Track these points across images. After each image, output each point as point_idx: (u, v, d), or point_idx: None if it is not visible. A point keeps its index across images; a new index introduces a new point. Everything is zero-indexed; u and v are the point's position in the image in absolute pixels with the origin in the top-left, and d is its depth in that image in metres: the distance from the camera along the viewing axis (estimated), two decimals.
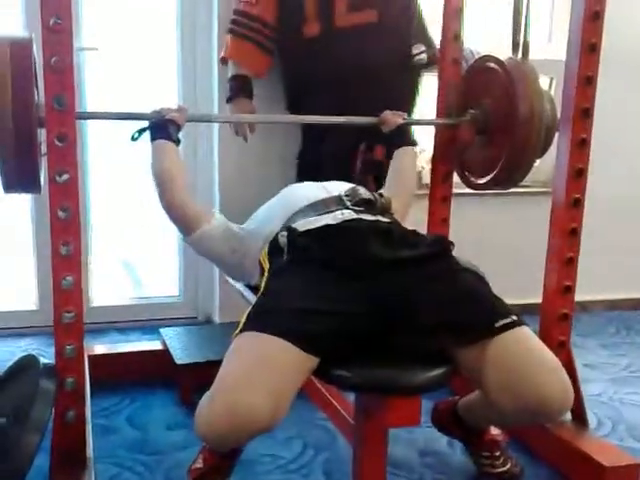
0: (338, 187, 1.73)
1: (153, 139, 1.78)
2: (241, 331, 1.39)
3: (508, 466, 1.78)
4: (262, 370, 1.29)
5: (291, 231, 1.54)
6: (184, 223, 1.75)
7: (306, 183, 1.81)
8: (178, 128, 1.81)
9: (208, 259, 1.85)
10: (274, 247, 1.57)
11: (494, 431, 1.78)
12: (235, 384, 1.28)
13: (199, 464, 1.64)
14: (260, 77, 2.36)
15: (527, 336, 1.42)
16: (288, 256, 1.51)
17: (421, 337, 1.39)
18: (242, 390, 1.26)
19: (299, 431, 2.00)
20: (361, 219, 1.60)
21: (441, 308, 1.42)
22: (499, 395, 1.39)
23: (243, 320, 1.41)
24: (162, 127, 1.79)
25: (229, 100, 2.32)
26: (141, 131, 1.81)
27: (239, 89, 2.30)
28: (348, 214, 1.61)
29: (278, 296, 1.44)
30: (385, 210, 1.69)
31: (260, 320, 1.38)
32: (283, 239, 1.54)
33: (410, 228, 1.66)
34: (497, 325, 1.40)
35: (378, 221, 1.62)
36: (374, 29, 2.22)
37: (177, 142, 1.80)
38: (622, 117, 2.92)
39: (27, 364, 1.60)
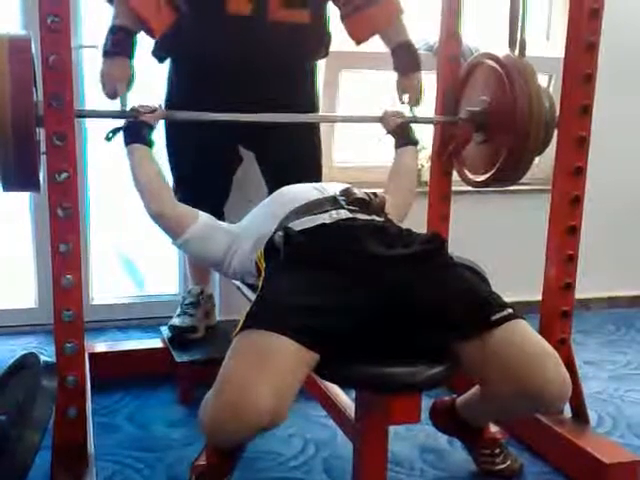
0: (332, 187, 1.74)
1: (127, 143, 1.78)
2: (241, 329, 1.39)
3: (508, 463, 1.78)
4: (264, 367, 1.30)
5: (287, 230, 1.54)
6: (168, 229, 1.76)
7: (300, 184, 1.81)
8: (152, 129, 1.81)
9: (198, 261, 1.84)
10: (270, 247, 1.58)
11: (493, 428, 1.78)
12: (237, 382, 1.29)
13: (202, 461, 1.65)
14: (153, 36, 1.93)
15: (524, 328, 1.44)
16: (285, 255, 1.52)
17: (419, 333, 1.39)
18: (245, 388, 1.27)
19: (300, 428, 2.00)
20: (356, 218, 1.61)
21: (437, 304, 1.42)
22: (499, 386, 1.41)
23: (243, 319, 1.42)
24: (135, 130, 1.78)
25: (106, 55, 1.86)
26: (115, 131, 1.80)
27: (122, 46, 1.85)
28: (343, 213, 1.62)
29: (277, 294, 1.44)
30: (380, 210, 1.70)
31: (260, 318, 1.38)
32: (279, 239, 1.54)
33: (407, 226, 1.67)
34: (493, 318, 1.41)
35: (373, 220, 1.63)
36: (305, 30, 2.01)
37: (150, 144, 1.80)
38: (623, 115, 2.91)
39: (28, 362, 1.60)
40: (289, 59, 2.03)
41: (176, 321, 2.29)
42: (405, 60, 2.10)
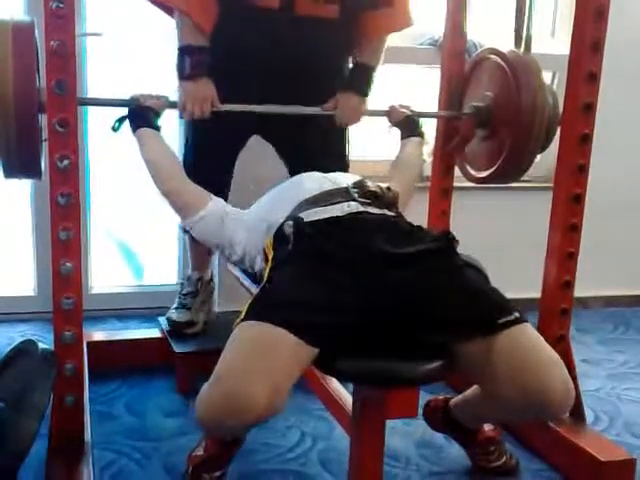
0: (345, 179, 1.73)
1: (134, 129, 1.78)
2: (243, 320, 1.38)
3: (503, 460, 1.79)
4: (261, 359, 1.29)
5: (297, 221, 1.53)
6: (180, 209, 1.76)
7: (313, 173, 1.80)
8: (157, 115, 1.81)
9: (207, 244, 1.84)
10: (280, 236, 1.56)
11: (487, 427, 1.78)
12: (234, 373, 1.28)
13: (199, 451, 1.65)
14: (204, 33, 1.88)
15: (529, 333, 1.42)
16: (293, 246, 1.50)
17: (423, 333, 1.38)
18: (241, 379, 1.26)
19: (297, 421, 2.00)
20: (367, 212, 1.59)
21: (444, 304, 1.41)
22: (501, 391, 1.39)
23: (245, 309, 1.41)
24: (141, 115, 1.78)
25: (189, 78, 1.86)
26: (121, 120, 1.79)
27: (202, 66, 1.87)
28: (355, 206, 1.59)
29: (281, 286, 1.43)
30: (391, 204, 1.67)
31: (262, 310, 1.38)
32: (289, 229, 1.53)
33: (415, 223, 1.65)
34: (499, 322, 1.39)
35: (384, 215, 1.61)
36: (334, 25, 1.96)
37: (157, 129, 1.80)
38: (624, 114, 2.91)
39: (26, 349, 1.60)
40: (317, 55, 1.97)
41: (174, 315, 2.27)
42: (355, 79, 2.04)
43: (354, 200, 1.61)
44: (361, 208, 1.59)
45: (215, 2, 1.87)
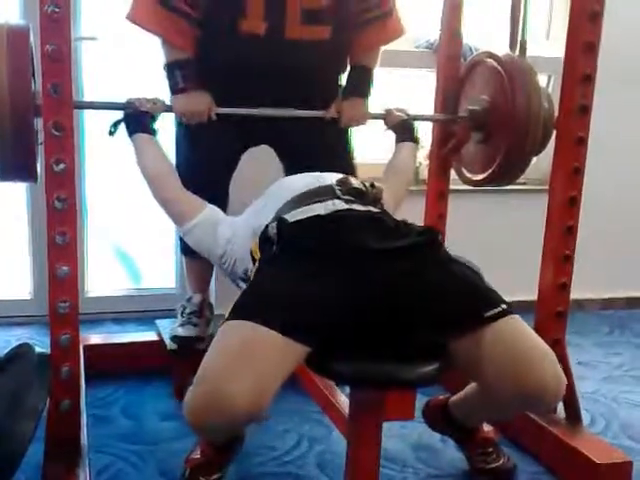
0: (329, 177, 1.72)
1: (130, 133, 1.78)
2: (227, 319, 1.38)
3: (500, 462, 1.79)
4: (245, 359, 1.28)
5: (281, 222, 1.53)
6: (175, 216, 1.77)
7: (298, 174, 1.80)
8: (153, 119, 1.81)
9: (201, 252, 1.83)
10: (265, 238, 1.56)
11: (486, 428, 1.79)
12: (216, 372, 1.28)
13: (197, 454, 1.65)
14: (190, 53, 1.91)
15: (517, 324, 1.42)
16: (278, 247, 1.50)
17: (413, 328, 1.38)
18: (223, 378, 1.25)
19: (294, 423, 2.00)
20: (352, 209, 1.59)
21: (431, 299, 1.40)
22: (494, 384, 1.39)
23: (230, 309, 1.41)
24: (137, 119, 1.79)
25: (183, 90, 1.87)
26: (116, 124, 1.80)
27: (192, 78, 1.88)
28: (339, 204, 1.60)
29: (266, 285, 1.44)
30: (376, 200, 1.68)
31: (247, 308, 1.37)
32: (273, 230, 1.53)
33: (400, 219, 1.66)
34: (487, 315, 1.39)
35: (369, 211, 1.61)
36: (325, 46, 1.93)
37: (154, 133, 1.81)
38: (619, 116, 2.92)
39: (22, 353, 1.60)
40: (309, 78, 1.94)
41: (181, 331, 2.15)
42: (356, 82, 2.05)
43: (338, 198, 1.61)
44: (345, 206, 1.59)
45: (191, 28, 1.86)
